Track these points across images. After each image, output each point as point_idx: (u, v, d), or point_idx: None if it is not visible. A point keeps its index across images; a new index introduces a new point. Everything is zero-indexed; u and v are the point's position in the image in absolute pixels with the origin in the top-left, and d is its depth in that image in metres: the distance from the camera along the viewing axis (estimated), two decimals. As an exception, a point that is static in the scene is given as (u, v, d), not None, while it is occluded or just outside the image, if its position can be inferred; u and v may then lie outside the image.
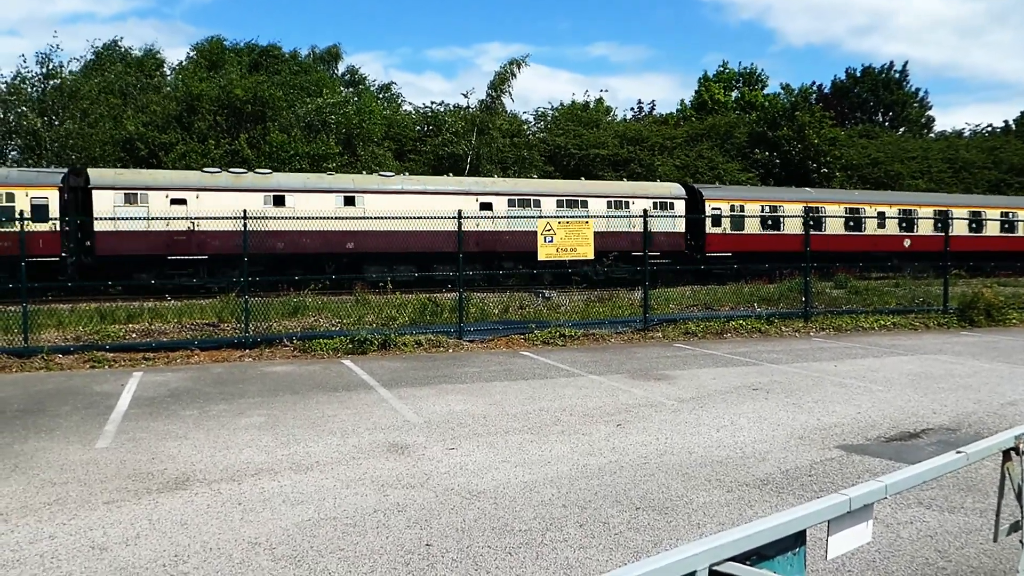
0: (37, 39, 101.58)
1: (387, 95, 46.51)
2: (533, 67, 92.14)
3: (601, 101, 49.27)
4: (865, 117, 57.82)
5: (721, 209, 30.34)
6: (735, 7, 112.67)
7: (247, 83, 33.64)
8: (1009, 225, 35.50)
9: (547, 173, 36.00)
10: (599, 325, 15.32)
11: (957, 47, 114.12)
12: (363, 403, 9.06)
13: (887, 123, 59.07)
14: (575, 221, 17.19)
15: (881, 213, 32.47)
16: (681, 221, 29.48)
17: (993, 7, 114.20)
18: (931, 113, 63.05)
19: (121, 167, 28.07)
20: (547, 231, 15.59)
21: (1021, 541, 3.34)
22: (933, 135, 59.06)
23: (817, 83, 58.46)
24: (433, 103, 41.88)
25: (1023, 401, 9.18)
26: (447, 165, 35.63)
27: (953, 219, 33.35)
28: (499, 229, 26.00)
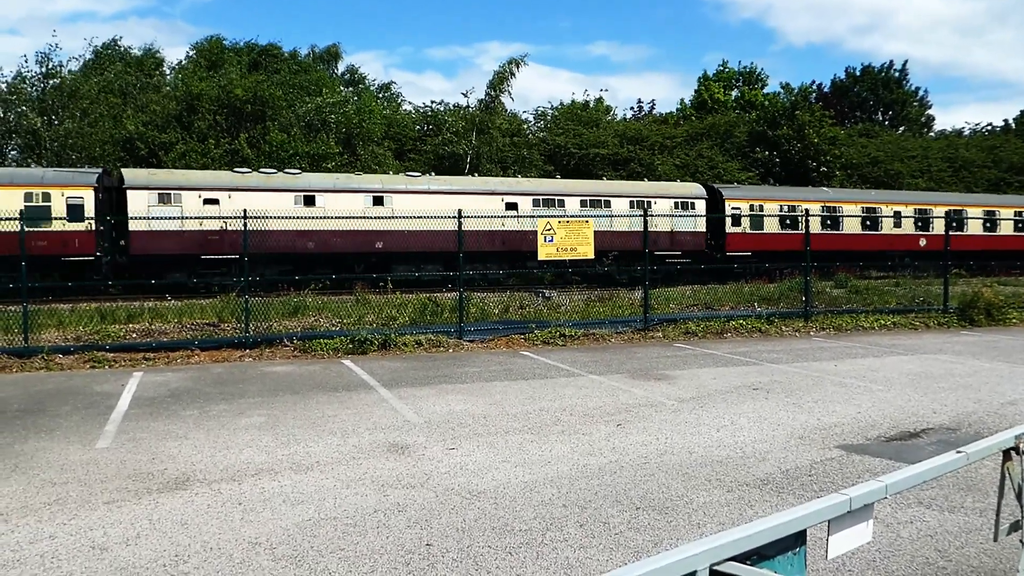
0: (37, 38, 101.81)
1: (387, 95, 46.50)
2: (533, 66, 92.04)
3: (601, 100, 49.30)
4: (865, 116, 57.81)
5: (741, 209, 30.53)
6: (736, 6, 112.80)
7: (247, 83, 33.61)
8: (1023, 224, 35.65)
9: (547, 172, 35.96)
10: (599, 325, 15.33)
11: (957, 46, 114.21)
12: (363, 403, 9.06)
13: (887, 122, 59.04)
14: (575, 220, 17.18)
15: (897, 213, 32.63)
16: (703, 221, 29.66)
17: (993, 6, 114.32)
18: (931, 112, 63.14)
19: (122, 167, 28.08)
20: (547, 231, 15.57)
21: (1021, 541, 3.34)
22: (933, 134, 58.99)
23: (817, 82, 58.53)
24: (433, 102, 41.91)
25: (1023, 401, 9.18)
26: (447, 165, 35.61)
27: (968, 219, 33.53)
28: (524, 228, 26.15)
